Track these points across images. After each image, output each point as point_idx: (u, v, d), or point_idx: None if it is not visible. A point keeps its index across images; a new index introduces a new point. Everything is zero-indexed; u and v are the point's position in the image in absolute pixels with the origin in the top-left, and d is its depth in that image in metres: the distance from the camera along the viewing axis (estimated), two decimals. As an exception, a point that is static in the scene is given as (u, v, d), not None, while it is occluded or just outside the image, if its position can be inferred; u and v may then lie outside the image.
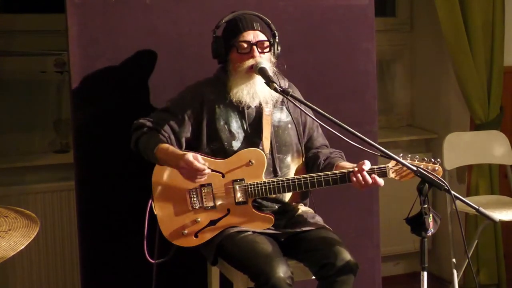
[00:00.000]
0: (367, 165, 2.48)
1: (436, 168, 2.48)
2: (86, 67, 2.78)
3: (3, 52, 3.62)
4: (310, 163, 2.71)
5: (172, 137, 2.59)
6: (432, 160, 2.51)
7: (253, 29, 2.57)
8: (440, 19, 3.81)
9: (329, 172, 2.53)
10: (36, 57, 3.68)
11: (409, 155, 2.49)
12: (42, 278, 3.48)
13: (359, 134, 2.26)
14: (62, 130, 3.67)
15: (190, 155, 2.42)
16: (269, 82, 2.45)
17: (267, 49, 2.60)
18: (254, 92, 2.57)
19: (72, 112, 2.80)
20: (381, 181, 2.48)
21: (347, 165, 2.56)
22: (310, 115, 2.63)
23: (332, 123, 2.30)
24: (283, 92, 2.43)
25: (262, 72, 2.50)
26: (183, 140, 2.62)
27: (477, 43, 3.85)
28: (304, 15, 3.08)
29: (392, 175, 2.53)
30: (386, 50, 4.37)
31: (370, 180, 2.46)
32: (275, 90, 2.43)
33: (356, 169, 2.48)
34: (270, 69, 2.55)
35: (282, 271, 2.36)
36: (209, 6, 2.92)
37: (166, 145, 2.51)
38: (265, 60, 2.57)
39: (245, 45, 2.57)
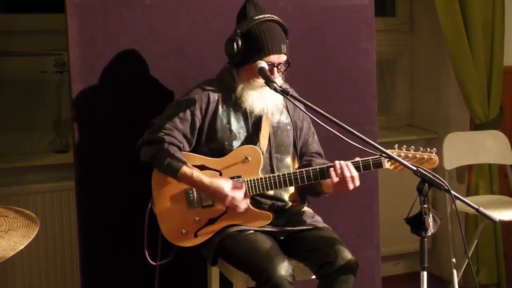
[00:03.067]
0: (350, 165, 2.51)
1: (432, 157, 2.49)
2: (86, 67, 2.78)
3: (3, 52, 3.62)
4: None
5: (186, 144, 2.59)
6: (428, 149, 2.52)
7: (280, 52, 2.56)
8: (439, 19, 3.81)
9: (326, 165, 2.54)
10: (36, 57, 3.68)
11: (404, 146, 2.50)
12: (42, 278, 3.48)
13: (359, 134, 2.26)
14: (62, 130, 3.67)
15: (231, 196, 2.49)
16: (268, 82, 2.46)
17: (285, 67, 2.61)
18: (266, 103, 2.58)
19: (72, 112, 2.80)
20: (355, 174, 2.50)
21: None
22: (310, 115, 2.63)
23: (332, 123, 2.30)
24: (283, 92, 2.43)
25: (262, 71, 2.50)
26: (194, 142, 2.62)
27: (477, 43, 3.85)
28: (304, 15, 3.08)
29: (387, 165, 2.53)
30: (386, 50, 4.37)
31: (347, 173, 2.48)
32: (275, 90, 2.44)
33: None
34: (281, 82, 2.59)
35: (283, 269, 2.36)
36: (209, 6, 2.92)
37: (189, 171, 2.50)
38: (280, 78, 2.60)
39: (268, 67, 2.54)
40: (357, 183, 2.51)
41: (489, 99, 3.94)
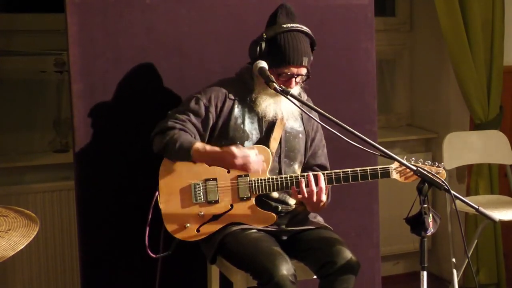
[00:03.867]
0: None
1: (440, 171, 2.50)
2: (85, 66, 2.78)
3: (3, 51, 3.62)
4: None
5: (198, 137, 2.59)
6: (436, 163, 2.52)
7: (300, 65, 2.56)
8: (439, 19, 3.81)
9: (334, 171, 2.56)
10: (36, 57, 3.68)
11: (413, 158, 2.50)
12: (42, 277, 3.48)
13: (359, 134, 2.26)
14: (62, 130, 3.68)
15: (235, 150, 2.43)
16: (268, 81, 2.46)
17: (304, 79, 2.61)
18: (280, 109, 2.59)
19: (72, 112, 2.80)
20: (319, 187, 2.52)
21: None
22: (320, 122, 2.61)
23: (332, 123, 2.30)
24: (283, 92, 2.43)
25: (261, 71, 2.51)
26: (206, 138, 2.62)
27: (477, 42, 3.85)
28: (303, 14, 3.06)
29: (395, 176, 2.55)
30: (386, 50, 4.37)
31: (314, 187, 2.50)
32: (275, 89, 2.44)
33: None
34: (298, 92, 2.59)
35: (285, 269, 2.36)
36: (209, 6, 2.92)
37: (201, 145, 2.49)
38: (297, 87, 2.59)
39: (286, 76, 2.56)
40: (323, 197, 2.54)
41: (489, 99, 3.94)
